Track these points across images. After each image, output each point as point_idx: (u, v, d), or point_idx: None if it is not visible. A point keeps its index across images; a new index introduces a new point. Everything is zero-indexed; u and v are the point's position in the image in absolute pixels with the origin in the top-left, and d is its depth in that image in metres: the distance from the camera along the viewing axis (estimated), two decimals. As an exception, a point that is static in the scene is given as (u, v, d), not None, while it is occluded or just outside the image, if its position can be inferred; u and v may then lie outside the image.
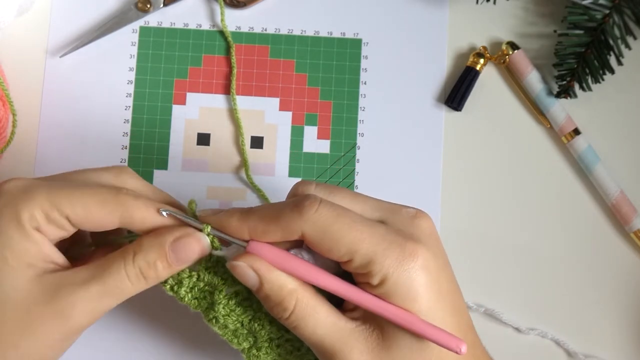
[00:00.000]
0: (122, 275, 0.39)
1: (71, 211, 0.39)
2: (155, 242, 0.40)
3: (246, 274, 0.39)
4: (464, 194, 0.55)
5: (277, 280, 0.38)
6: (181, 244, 0.40)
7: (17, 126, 0.53)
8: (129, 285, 0.39)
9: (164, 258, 0.39)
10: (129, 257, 0.39)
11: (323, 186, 0.40)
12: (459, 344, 0.36)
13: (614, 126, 0.56)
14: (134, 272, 0.39)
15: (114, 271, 0.39)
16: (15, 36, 0.55)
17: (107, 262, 0.39)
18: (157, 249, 0.39)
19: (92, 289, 0.38)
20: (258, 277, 0.38)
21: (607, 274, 0.54)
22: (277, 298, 0.38)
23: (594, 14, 0.52)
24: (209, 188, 0.54)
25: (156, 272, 0.39)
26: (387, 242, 0.37)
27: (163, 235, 0.40)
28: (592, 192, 0.55)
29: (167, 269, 0.40)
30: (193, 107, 0.55)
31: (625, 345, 0.54)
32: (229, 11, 0.56)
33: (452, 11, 0.57)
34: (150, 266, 0.39)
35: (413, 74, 0.56)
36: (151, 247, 0.39)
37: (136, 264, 0.39)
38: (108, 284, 0.39)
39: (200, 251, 0.40)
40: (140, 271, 0.39)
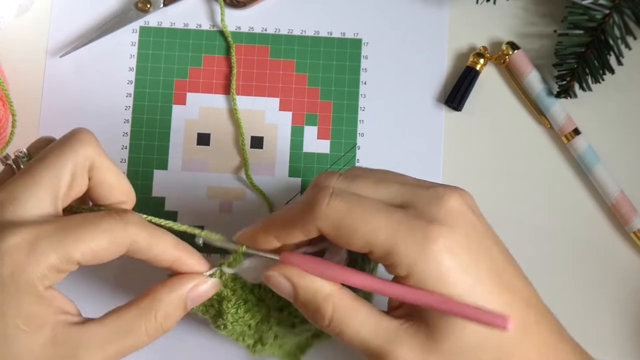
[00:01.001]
0: (141, 333, 0.38)
1: (81, 256, 0.36)
2: (175, 295, 0.39)
3: (280, 283, 0.38)
4: (464, 194, 0.55)
5: (311, 286, 0.37)
6: (197, 293, 0.40)
7: (16, 126, 0.53)
8: (146, 340, 0.38)
9: (183, 308, 0.39)
10: (150, 316, 0.38)
11: (345, 174, 0.38)
12: (504, 320, 0.33)
13: (614, 126, 0.56)
14: (154, 328, 0.38)
15: (135, 332, 0.38)
16: (15, 36, 0.55)
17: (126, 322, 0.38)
18: (177, 302, 0.39)
19: (110, 349, 0.37)
20: (292, 285, 0.38)
21: (607, 274, 0.54)
22: (313, 305, 0.37)
23: (594, 14, 0.52)
24: (209, 188, 0.54)
25: (173, 322, 0.39)
26: (404, 229, 0.35)
27: (179, 285, 0.39)
28: (592, 192, 0.55)
29: (181, 316, 0.40)
30: (193, 107, 0.55)
31: (625, 345, 0.54)
32: (229, 11, 0.56)
33: (452, 11, 0.57)
34: (170, 319, 0.39)
35: (413, 74, 0.56)
36: (172, 300, 0.39)
37: (157, 320, 0.38)
38: (127, 343, 0.38)
39: (213, 292, 0.40)
40: (161, 326, 0.39)
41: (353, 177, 0.38)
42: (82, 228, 0.37)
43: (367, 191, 0.37)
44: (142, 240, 0.38)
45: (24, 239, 0.35)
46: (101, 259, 0.37)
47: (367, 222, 0.35)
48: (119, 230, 0.37)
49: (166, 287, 0.39)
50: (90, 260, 0.37)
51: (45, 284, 0.36)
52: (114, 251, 0.37)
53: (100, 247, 0.37)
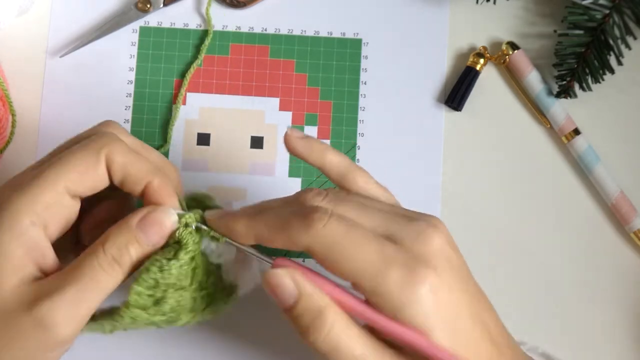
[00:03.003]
0: (94, 268, 0.37)
1: (66, 178, 0.37)
2: (121, 226, 0.38)
3: (285, 284, 0.36)
4: (464, 194, 0.55)
5: (315, 294, 0.36)
6: (148, 220, 0.38)
7: (16, 126, 0.53)
8: (105, 276, 0.37)
9: (133, 240, 0.38)
10: (98, 248, 0.37)
11: (332, 195, 0.38)
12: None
13: (614, 126, 0.56)
14: (107, 261, 0.37)
15: (86, 267, 0.37)
16: (15, 36, 0.55)
17: (78, 261, 0.37)
18: (125, 232, 0.38)
19: (67, 292, 0.36)
20: (297, 289, 0.36)
21: (607, 274, 0.54)
22: (314, 313, 0.35)
23: (594, 14, 0.52)
24: (209, 188, 0.54)
25: (129, 255, 0.37)
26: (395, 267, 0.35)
27: (128, 218, 0.38)
28: (592, 192, 0.55)
29: (139, 251, 0.38)
30: (193, 107, 0.55)
31: (625, 345, 0.54)
32: (229, 11, 0.56)
33: (452, 11, 0.57)
34: (122, 251, 0.37)
35: (413, 74, 0.56)
36: (118, 232, 0.38)
37: (107, 253, 0.37)
38: (82, 282, 0.36)
39: (170, 223, 0.38)
40: (113, 258, 0.37)
41: (340, 199, 0.38)
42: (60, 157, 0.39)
43: (355, 215, 0.37)
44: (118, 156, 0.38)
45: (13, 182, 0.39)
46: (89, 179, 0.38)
47: (360, 251, 0.35)
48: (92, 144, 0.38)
49: (118, 223, 0.38)
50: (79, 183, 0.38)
51: (35, 219, 0.37)
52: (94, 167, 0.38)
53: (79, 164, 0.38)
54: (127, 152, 0.39)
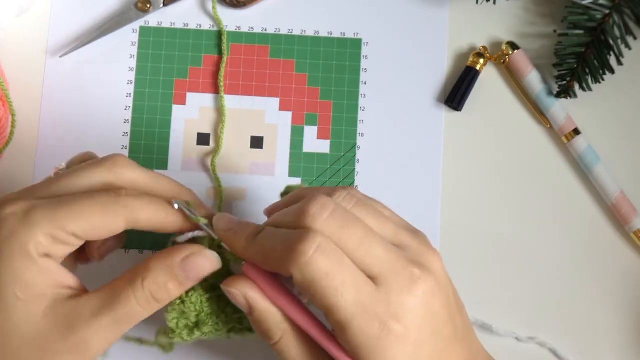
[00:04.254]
0: (131, 302, 0.37)
1: (76, 227, 0.37)
2: (164, 264, 0.38)
3: (238, 300, 0.38)
4: (464, 194, 0.55)
5: (266, 312, 0.38)
6: (191, 263, 0.39)
7: (16, 126, 0.53)
8: (140, 310, 0.38)
9: (174, 279, 0.38)
10: (137, 282, 0.38)
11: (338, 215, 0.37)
12: None
13: (614, 126, 0.56)
14: (145, 297, 0.38)
15: (123, 299, 0.37)
16: (15, 36, 0.55)
17: (116, 289, 0.38)
18: (167, 270, 0.38)
19: (103, 320, 0.37)
20: (248, 305, 0.38)
21: (607, 274, 0.54)
22: (264, 326, 0.38)
23: (594, 14, 0.52)
24: (209, 188, 0.54)
25: (168, 293, 0.38)
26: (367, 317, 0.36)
27: (171, 255, 0.39)
28: (592, 192, 0.55)
29: (178, 289, 0.39)
30: (193, 107, 0.55)
31: (625, 345, 0.54)
32: (229, 11, 0.56)
33: (452, 11, 0.57)
34: (161, 289, 0.38)
35: (413, 74, 0.56)
36: (160, 269, 0.38)
37: (146, 289, 0.38)
38: (118, 313, 0.37)
39: (211, 267, 0.39)
40: (151, 295, 0.38)
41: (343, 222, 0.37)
42: (75, 199, 0.38)
43: (352, 244, 0.37)
44: (139, 210, 0.39)
45: (21, 208, 0.37)
46: (101, 232, 0.38)
47: (337, 295, 0.35)
48: (111, 201, 0.38)
49: (158, 255, 0.39)
50: (88, 232, 0.38)
51: (40, 250, 0.37)
52: (110, 223, 0.38)
53: (93, 216, 0.38)
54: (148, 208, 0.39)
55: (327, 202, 0.37)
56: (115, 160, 0.41)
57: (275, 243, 0.37)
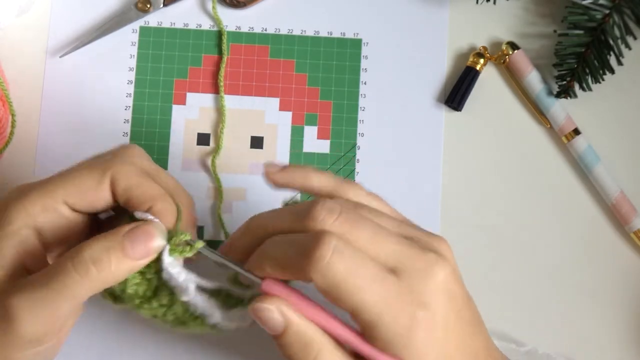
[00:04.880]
0: (67, 269, 0.35)
1: (64, 190, 0.37)
2: (108, 233, 0.37)
3: (271, 318, 0.36)
4: (464, 194, 0.55)
5: (302, 326, 0.36)
6: (138, 231, 0.37)
7: (16, 126, 0.53)
8: (76, 278, 0.35)
9: (118, 247, 0.36)
10: (77, 250, 0.36)
11: (346, 217, 0.37)
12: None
13: (614, 126, 0.56)
14: (82, 264, 0.35)
15: (60, 268, 0.35)
16: (15, 36, 0.55)
17: (55, 261, 0.36)
18: (110, 237, 0.36)
19: (36, 292, 0.35)
20: (284, 322, 0.36)
21: (607, 274, 0.54)
22: (300, 345, 0.36)
23: (594, 14, 0.52)
24: (209, 188, 0.54)
25: (109, 261, 0.36)
26: (394, 310, 0.35)
27: (119, 227, 0.37)
28: (592, 192, 0.55)
29: (121, 261, 0.36)
30: (193, 107, 0.55)
31: (625, 345, 0.54)
32: (229, 11, 0.56)
33: (452, 11, 0.57)
34: (101, 255, 0.36)
35: (413, 74, 0.56)
36: (104, 237, 0.36)
37: (86, 254, 0.35)
38: (53, 283, 0.35)
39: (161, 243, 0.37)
40: (91, 260, 0.35)
41: (352, 222, 0.37)
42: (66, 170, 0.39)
43: (364, 242, 0.36)
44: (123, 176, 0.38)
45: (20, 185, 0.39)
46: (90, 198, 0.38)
47: (361, 293, 0.35)
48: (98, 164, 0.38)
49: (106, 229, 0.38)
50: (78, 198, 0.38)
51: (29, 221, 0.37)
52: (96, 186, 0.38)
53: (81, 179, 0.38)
54: (133, 175, 0.39)
55: (333, 204, 0.37)
56: (127, 146, 0.41)
57: (287, 250, 0.36)
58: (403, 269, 0.36)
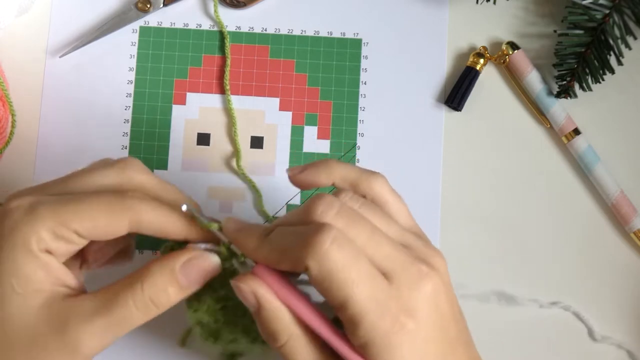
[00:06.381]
0: (129, 306, 0.37)
1: (79, 225, 0.37)
2: (165, 267, 0.38)
3: (247, 298, 0.37)
4: (463, 193, 0.55)
5: (275, 311, 0.37)
6: (191, 266, 0.38)
7: (16, 126, 0.53)
8: (137, 314, 0.37)
9: (175, 282, 0.38)
10: (136, 286, 0.37)
11: (345, 213, 0.37)
12: None
13: (614, 126, 0.56)
14: (143, 301, 0.37)
15: (121, 302, 0.37)
16: (15, 36, 0.55)
17: (114, 292, 0.37)
18: (167, 274, 0.38)
19: (98, 321, 0.37)
20: (257, 303, 0.37)
21: (607, 274, 0.54)
22: (271, 328, 0.37)
23: (594, 14, 0.52)
24: (209, 188, 0.54)
25: (168, 298, 0.38)
26: (380, 311, 0.35)
27: (173, 259, 0.38)
28: (592, 192, 0.55)
29: (178, 294, 0.38)
30: (193, 107, 0.55)
31: (625, 345, 0.54)
32: (229, 11, 0.56)
33: (452, 11, 0.57)
34: (160, 292, 0.37)
35: (413, 74, 0.56)
36: (161, 272, 0.38)
37: (145, 293, 0.37)
38: (114, 316, 0.37)
39: (212, 271, 0.39)
40: (150, 299, 0.37)
41: (351, 218, 0.37)
42: (81, 198, 0.38)
43: (362, 240, 0.37)
44: (144, 212, 0.38)
45: (27, 201, 0.38)
46: (105, 232, 0.38)
47: (353, 287, 0.35)
48: (117, 201, 0.38)
49: (158, 260, 0.38)
50: (91, 231, 0.37)
51: (41, 246, 0.37)
52: (114, 223, 0.38)
53: (97, 215, 0.37)
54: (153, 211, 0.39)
55: (333, 200, 0.37)
56: (127, 163, 0.41)
57: (289, 239, 0.37)
58: (394, 274, 0.37)
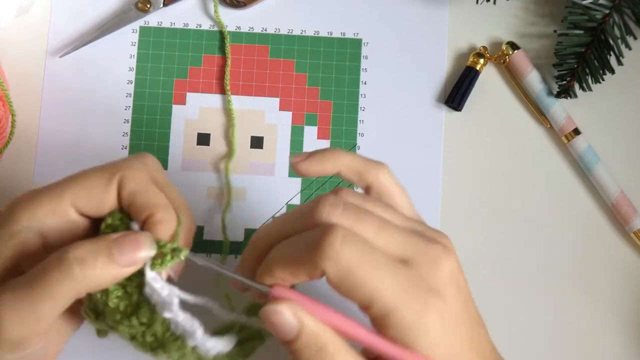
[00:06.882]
0: (52, 268, 0.34)
1: (73, 193, 0.37)
2: (98, 237, 0.36)
3: (286, 321, 0.34)
4: (464, 194, 0.55)
5: (316, 328, 0.35)
6: (127, 239, 0.36)
7: (16, 126, 0.53)
8: (59, 278, 0.34)
9: (105, 251, 0.35)
10: (63, 249, 0.35)
11: (350, 211, 0.36)
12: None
13: (614, 126, 0.56)
14: (67, 265, 0.34)
15: (44, 266, 0.35)
16: (15, 36, 0.55)
17: (41, 262, 0.35)
18: (99, 241, 0.36)
19: (20, 290, 0.35)
20: (298, 324, 0.34)
21: (607, 274, 0.54)
22: (314, 350, 0.35)
23: (594, 14, 0.52)
24: (209, 188, 0.54)
25: (94, 265, 0.35)
26: (408, 296, 0.35)
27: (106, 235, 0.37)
28: (592, 192, 0.55)
29: (107, 265, 0.35)
30: (193, 107, 0.55)
31: (625, 345, 0.54)
32: (229, 11, 0.56)
33: (452, 11, 0.57)
34: (87, 257, 0.35)
35: (413, 74, 0.56)
36: (93, 240, 0.36)
37: (71, 255, 0.35)
38: (37, 280, 0.34)
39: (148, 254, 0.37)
40: (76, 262, 0.35)
41: (357, 215, 0.36)
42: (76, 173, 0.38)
43: (371, 235, 0.36)
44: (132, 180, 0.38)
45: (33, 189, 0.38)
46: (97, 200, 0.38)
47: (375, 279, 0.34)
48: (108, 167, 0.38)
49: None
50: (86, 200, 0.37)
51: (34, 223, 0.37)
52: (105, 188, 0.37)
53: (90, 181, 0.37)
54: (141, 181, 0.38)
55: (336, 200, 0.36)
56: (142, 154, 0.41)
57: (296, 248, 0.36)
58: (411, 259, 0.36)
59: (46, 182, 0.52)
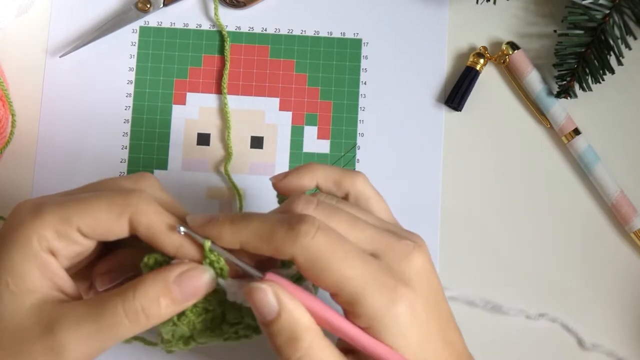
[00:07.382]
0: (118, 313, 0.36)
1: (80, 220, 0.37)
2: (158, 277, 0.36)
3: (267, 300, 0.35)
4: (464, 194, 0.55)
5: (296, 312, 0.35)
6: (187, 278, 0.37)
7: (16, 126, 0.53)
8: (126, 324, 0.36)
9: (168, 294, 0.36)
10: (128, 293, 0.36)
11: (323, 206, 0.38)
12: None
13: (614, 126, 0.56)
14: (133, 310, 0.36)
15: (110, 309, 0.36)
16: (15, 36, 0.55)
17: (104, 298, 0.36)
18: (161, 283, 0.36)
19: (85, 327, 0.36)
20: (278, 305, 0.35)
21: (607, 274, 0.54)
22: (292, 333, 0.35)
23: (594, 14, 0.52)
24: (209, 188, 0.54)
25: (159, 309, 0.36)
26: (376, 284, 0.35)
27: (166, 270, 0.37)
28: (592, 192, 0.55)
29: (170, 306, 0.37)
30: (193, 107, 0.55)
31: (625, 345, 0.54)
32: (229, 11, 0.56)
33: (452, 11, 0.57)
34: (152, 303, 0.36)
35: (413, 74, 0.56)
36: (154, 281, 0.36)
37: (137, 301, 0.36)
38: (102, 323, 0.36)
39: (208, 284, 0.37)
40: (141, 308, 0.36)
41: (330, 210, 0.38)
42: (85, 196, 0.38)
43: (344, 229, 0.37)
44: (143, 215, 0.37)
45: (34, 202, 0.38)
46: (106, 230, 0.37)
47: (344, 266, 0.35)
48: (119, 197, 0.37)
49: (154, 272, 0.37)
50: (93, 228, 0.37)
51: (43, 244, 0.37)
52: (115, 220, 0.37)
53: (99, 212, 0.37)
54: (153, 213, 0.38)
55: (310, 198, 0.38)
56: (142, 175, 0.41)
57: (270, 225, 0.36)
58: (382, 253, 0.37)
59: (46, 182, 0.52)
